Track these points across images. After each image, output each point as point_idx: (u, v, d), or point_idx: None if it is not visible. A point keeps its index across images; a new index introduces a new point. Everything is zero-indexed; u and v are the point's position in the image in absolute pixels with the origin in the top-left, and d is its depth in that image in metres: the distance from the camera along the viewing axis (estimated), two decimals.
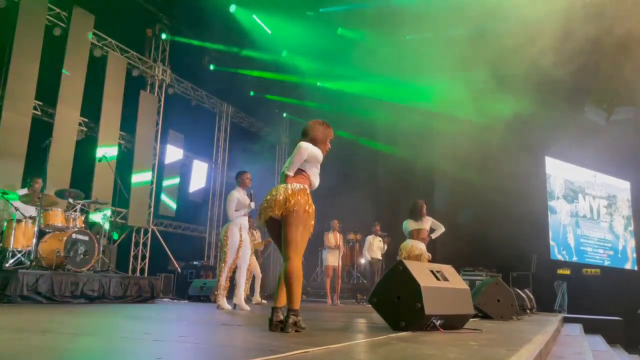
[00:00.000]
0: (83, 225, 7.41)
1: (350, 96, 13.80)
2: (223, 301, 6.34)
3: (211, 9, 11.85)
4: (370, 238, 10.67)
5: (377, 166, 14.75)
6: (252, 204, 6.59)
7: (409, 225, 6.89)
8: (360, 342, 2.87)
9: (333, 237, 10.15)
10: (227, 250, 6.42)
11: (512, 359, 2.32)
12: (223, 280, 6.37)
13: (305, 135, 3.70)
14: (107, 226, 8.29)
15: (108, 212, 9.60)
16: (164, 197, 12.56)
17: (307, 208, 3.46)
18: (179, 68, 12.88)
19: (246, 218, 6.70)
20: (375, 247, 10.51)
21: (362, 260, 11.10)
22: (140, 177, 11.61)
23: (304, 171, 3.61)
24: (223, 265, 6.39)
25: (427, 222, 6.88)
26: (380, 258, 10.45)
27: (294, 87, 14.36)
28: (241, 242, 6.48)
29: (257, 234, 9.54)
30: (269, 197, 3.52)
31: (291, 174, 3.55)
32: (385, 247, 10.51)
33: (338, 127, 12.99)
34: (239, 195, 6.58)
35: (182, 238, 13.39)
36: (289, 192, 3.45)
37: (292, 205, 3.41)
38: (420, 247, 6.72)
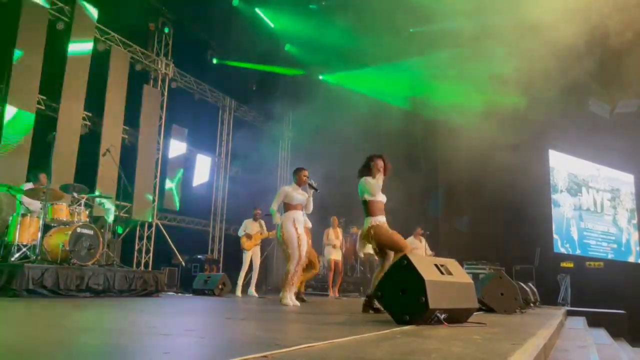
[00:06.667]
0: (88, 220, 7.44)
1: (351, 91, 13.79)
2: (287, 298, 6.22)
3: (214, 2, 11.83)
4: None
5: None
6: (310, 192, 6.45)
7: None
8: (365, 336, 2.88)
9: (333, 234, 10.27)
10: (286, 247, 6.26)
11: (517, 353, 2.32)
12: (290, 277, 6.23)
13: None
14: (110, 217, 8.28)
15: (111, 207, 9.63)
16: (167, 191, 12.60)
17: None
18: (182, 62, 12.87)
19: (300, 212, 6.43)
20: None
21: (361, 254, 11.21)
22: (145, 172, 11.64)
23: None
24: (289, 262, 6.23)
25: None
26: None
27: (297, 81, 14.34)
28: (299, 236, 6.29)
29: (263, 225, 9.63)
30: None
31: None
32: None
33: (339, 123, 13.07)
34: (289, 189, 6.44)
35: (186, 232, 13.43)
36: None
37: None
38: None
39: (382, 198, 5.35)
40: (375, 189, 5.24)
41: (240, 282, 9.36)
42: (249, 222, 9.53)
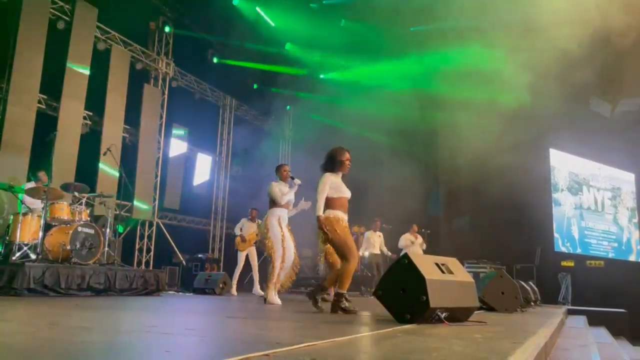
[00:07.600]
0: (88, 219, 7.44)
1: (353, 89, 13.78)
2: (272, 296, 6.06)
3: (214, 1, 11.82)
4: (369, 233, 10.82)
5: (380, 159, 14.71)
6: (296, 183, 6.37)
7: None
8: (366, 334, 2.89)
9: None
10: (270, 244, 6.13)
11: (518, 352, 2.32)
12: (275, 276, 6.07)
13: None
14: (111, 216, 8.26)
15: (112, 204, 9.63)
16: (168, 190, 12.60)
17: None
18: (182, 61, 12.88)
19: (285, 210, 6.33)
20: (373, 242, 10.66)
21: (366, 254, 11.21)
22: (145, 171, 11.64)
23: None
24: (273, 260, 6.09)
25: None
26: (379, 252, 10.61)
27: (298, 80, 14.33)
28: (283, 234, 6.16)
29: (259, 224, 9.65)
30: None
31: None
32: (382, 242, 10.71)
33: (340, 122, 13.03)
34: (279, 185, 6.36)
35: (187, 231, 13.45)
36: None
37: None
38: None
39: (346, 194, 4.90)
40: (326, 185, 4.79)
41: (234, 281, 9.42)
42: (245, 221, 9.55)
